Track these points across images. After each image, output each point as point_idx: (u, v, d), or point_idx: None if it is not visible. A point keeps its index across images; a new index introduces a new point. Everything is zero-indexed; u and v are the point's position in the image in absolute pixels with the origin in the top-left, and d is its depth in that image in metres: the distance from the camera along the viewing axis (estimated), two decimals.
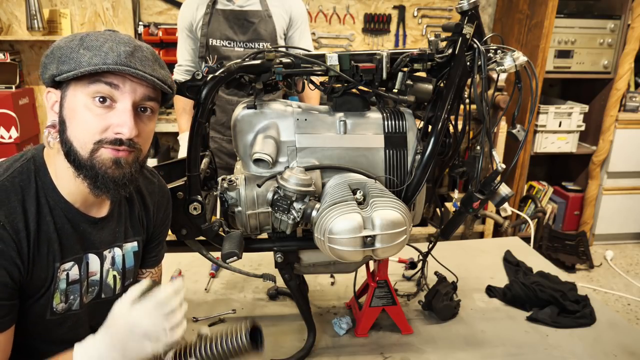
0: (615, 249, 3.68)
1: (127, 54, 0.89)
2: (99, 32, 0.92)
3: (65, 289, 0.98)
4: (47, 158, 0.97)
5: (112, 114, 0.90)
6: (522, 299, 1.65)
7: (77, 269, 1.00)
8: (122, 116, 0.90)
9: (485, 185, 1.33)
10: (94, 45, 0.88)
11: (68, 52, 0.88)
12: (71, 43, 0.89)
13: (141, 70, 0.89)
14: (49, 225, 0.93)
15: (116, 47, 0.88)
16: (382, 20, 3.53)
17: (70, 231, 0.97)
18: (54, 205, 0.95)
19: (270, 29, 2.12)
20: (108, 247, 1.06)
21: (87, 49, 0.88)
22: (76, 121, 0.90)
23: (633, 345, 1.46)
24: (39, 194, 0.93)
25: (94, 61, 0.87)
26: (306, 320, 1.42)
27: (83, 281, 1.02)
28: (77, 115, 0.90)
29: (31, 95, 3.27)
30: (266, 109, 1.28)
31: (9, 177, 0.91)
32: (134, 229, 1.12)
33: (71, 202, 0.97)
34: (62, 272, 0.97)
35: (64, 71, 0.88)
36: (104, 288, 1.07)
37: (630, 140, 3.51)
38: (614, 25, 3.32)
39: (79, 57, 0.87)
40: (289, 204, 1.17)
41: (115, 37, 0.91)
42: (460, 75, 1.26)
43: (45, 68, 0.91)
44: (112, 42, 0.89)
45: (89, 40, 0.89)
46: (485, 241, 2.77)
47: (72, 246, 0.98)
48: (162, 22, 3.35)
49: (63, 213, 0.96)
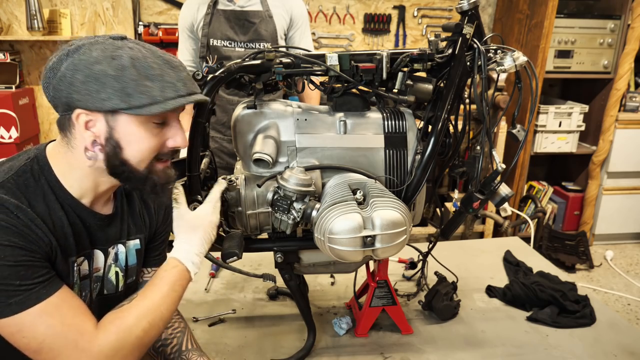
0: (615, 249, 3.67)
1: (188, 79, 0.95)
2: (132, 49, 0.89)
3: (80, 284, 1.00)
4: (51, 157, 0.97)
5: (166, 130, 0.97)
6: (522, 299, 1.65)
7: (87, 265, 1.02)
8: (177, 132, 0.98)
9: (485, 185, 1.33)
10: (154, 75, 0.88)
11: (132, 85, 0.86)
12: (125, 72, 0.86)
13: (199, 93, 0.98)
14: (62, 220, 0.94)
15: (175, 74, 0.92)
16: (382, 20, 3.53)
17: (81, 227, 0.99)
18: (62, 202, 0.96)
19: (271, 29, 2.12)
20: (112, 244, 1.08)
21: (149, 79, 0.88)
22: (134, 143, 0.92)
23: (633, 345, 1.46)
24: (45, 192, 0.94)
25: (168, 94, 0.90)
26: (306, 320, 1.42)
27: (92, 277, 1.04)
28: (134, 138, 0.92)
29: (31, 95, 3.27)
30: (266, 109, 1.28)
31: (13, 176, 0.91)
32: (136, 227, 1.13)
33: (79, 199, 0.98)
34: (76, 266, 0.99)
35: (135, 105, 0.87)
36: (106, 284, 1.08)
37: (630, 140, 3.51)
38: (614, 25, 3.32)
39: (148, 90, 0.87)
40: (289, 204, 1.18)
41: (159, 58, 0.91)
42: (460, 75, 1.26)
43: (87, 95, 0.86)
44: (167, 68, 0.91)
45: (144, 68, 0.87)
46: (485, 241, 2.77)
47: (83, 241, 1.00)
48: (162, 22, 3.35)
49: (72, 209, 0.97)
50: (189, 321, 1.53)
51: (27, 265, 0.85)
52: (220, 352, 1.41)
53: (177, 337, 1.19)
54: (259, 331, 1.52)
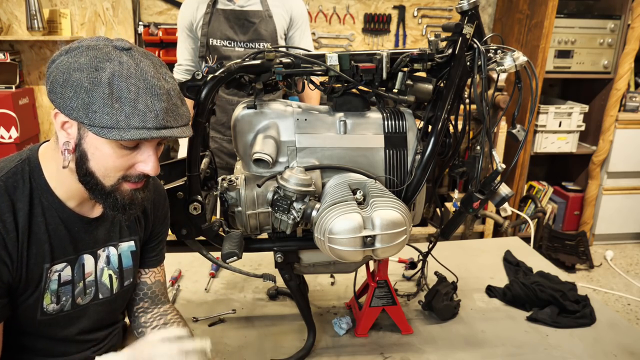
0: (615, 249, 3.67)
1: (164, 111, 0.86)
2: (122, 65, 0.85)
3: (56, 289, 0.99)
4: (43, 159, 0.97)
5: (136, 154, 0.91)
6: (522, 299, 1.65)
7: (70, 270, 1.01)
8: (148, 158, 0.92)
9: (485, 185, 1.33)
10: (127, 99, 0.83)
11: (99, 102, 0.82)
12: (98, 89, 0.83)
13: (177, 127, 0.89)
14: (40, 226, 0.94)
15: (151, 102, 0.85)
16: (382, 20, 3.53)
17: (63, 232, 0.98)
18: (47, 206, 0.95)
19: (271, 29, 2.12)
20: (102, 246, 1.07)
21: (120, 102, 0.83)
22: (100, 158, 0.89)
23: (633, 345, 1.46)
24: (32, 194, 0.94)
25: (133, 123, 0.83)
26: (306, 320, 1.42)
27: (77, 282, 1.03)
28: (101, 153, 0.89)
29: (31, 95, 3.27)
30: (266, 109, 1.28)
31: (2, 178, 0.92)
32: (130, 228, 1.12)
33: (66, 202, 0.98)
34: (54, 273, 0.98)
35: (97, 124, 0.83)
36: (100, 288, 1.07)
37: (630, 140, 3.51)
38: (614, 25, 3.32)
39: (114, 113, 0.83)
40: (289, 204, 1.17)
41: (144, 82, 0.85)
42: (460, 75, 1.26)
43: (61, 100, 0.85)
44: (145, 95, 0.85)
45: (119, 90, 0.83)
46: (485, 241, 2.77)
47: (65, 247, 0.99)
48: (162, 22, 3.34)
49: (57, 214, 0.97)
50: (189, 321, 1.53)
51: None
52: (220, 352, 1.41)
53: (159, 318, 1.18)
54: (259, 331, 1.52)
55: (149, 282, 1.20)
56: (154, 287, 1.21)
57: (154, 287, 1.21)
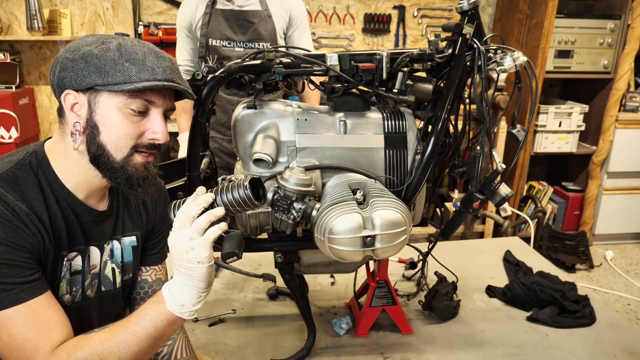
0: (615, 249, 3.67)
1: (170, 69, 0.94)
2: (125, 39, 0.94)
3: (69, 279, 1.00)
4: (49, 152, 0.98)
5: (146, 121, 0.95)
6: (522, 299, 1.65)
7: (81, 260, 1.02)
8: (158, 124, 0.96)
9: (485, 185, 1.33)
10: (136, 59, 0.91)
11: (110, 63, 0.89)
12: (108, 53, 0.90)
13: (183, 86, 0.96)
14: (56, 214, 0.95)
15: (157, 62, 0.93)
16: (382, 20, 3.53)
17: (75, 222, 0.99)
18: (59, 196, 0.97)
19: (270, 28, 2.12)
20: (108, 240, 1.08)
21: (130, 62, 0.90)
22: (111, 127, 0.93)
23: (633, 345, 1.46)
24: (42, 185, 0.95)
25: (143, 76, 0.90)
26: (306, 320, 1.42)
27: (86, 273, 1.04)
28: (112, 121, 0.92)
29: (31, 95, 3.27)
30: (266, 109, 1.28)
31: (12, 169, 0.93)
32: (133, 223, 1.13)
33: (75, 194, 0.99)
34: (67, 261, 0.99)
35: (110, 82, 0.89)
36: (102, 280, 1.08)
37: (630, 140, 3.51)
38: (614, 25, 3.32)
39: (125, 70, 0.89)
40: (289, 204, 1.17)
41: (147, 48, 0.94)
42: (460, 75, 1.26)
43: (73, 72, 0.90)
44: (151, 56, 0.93)
45: (127, 53, 0.91)
46: (485, 241, 2.77)
47: (77, 237, 1.00)
48: (162, 22, 3.34)
49: (67, 204, 0.98)
50: (189, 321, 1.53)
51: (10, 265, 0.86)
52: (220, 352, 1.41)
53: (167, 345, 1.17)
54: (259, 331, 1.52)
55: (150, 280, 1.20)
56: (155, 285, 1.21)
57: (155, 285, 1.21)
